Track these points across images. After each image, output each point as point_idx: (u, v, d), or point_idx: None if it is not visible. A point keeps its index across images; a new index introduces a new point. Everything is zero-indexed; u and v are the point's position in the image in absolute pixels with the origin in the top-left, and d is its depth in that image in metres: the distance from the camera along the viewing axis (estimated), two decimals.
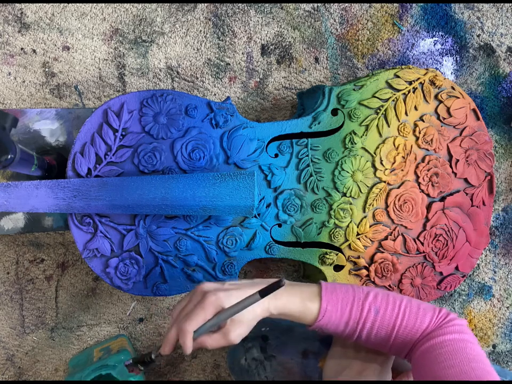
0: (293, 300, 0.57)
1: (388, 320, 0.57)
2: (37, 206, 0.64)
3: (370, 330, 0.57)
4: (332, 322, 0.57)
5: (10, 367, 0.86)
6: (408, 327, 0.57)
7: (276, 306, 0.56)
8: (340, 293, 0.58)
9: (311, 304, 0.57)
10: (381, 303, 0.57)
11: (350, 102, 0.73)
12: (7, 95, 0.82)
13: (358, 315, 0.57)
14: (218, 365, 0.92)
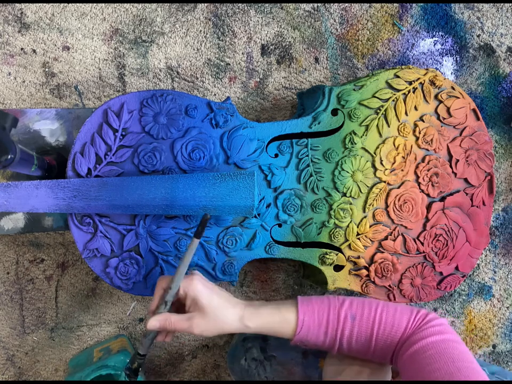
0: (270, 312, 0.58)
1: (365, 325, 0.57)
2: (37, 206, 0.64)
3: (349, 338, 0.58)
4: (311, 332, 0.58)
5: (10, 367, 0.86)
6: (386, 330, 0.57)
7: (251, 318, 0.57)
8: (316, 304, 0.58)
9: (289, 315, 0.58)
10: (356, 309, 0.58)
11: (350, 102, 0.73)
12: (7, 95, 0.82)
13: (336, 323, 0.57)
14: (218, 365, 0.92)
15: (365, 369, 0.64)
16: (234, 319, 0.56)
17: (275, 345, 0.72)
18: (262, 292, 0.91)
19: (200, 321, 0.55)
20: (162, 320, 0.55)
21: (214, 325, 0.55)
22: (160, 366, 0.90)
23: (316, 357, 0.71)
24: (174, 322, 0.55)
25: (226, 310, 0.56)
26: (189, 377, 0.92)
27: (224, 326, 0.56)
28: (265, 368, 0.72)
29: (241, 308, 0.57)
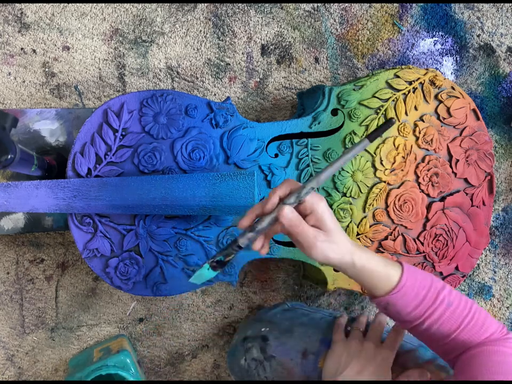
0: (377, 259, 0.56)
1: (456, 316, 0.56)
2: (37, 206, 0.64)
3: (435, 321, 0.56)
4: (404, 300, 0.56)
5: (10, 367, 0.86)
6: (473, 330, 0.56)
7: (360, 258, 0.54)
8: (420, 275, 0.57)
9: (392, 272, 0.56)
10: (454, 298, 0.56)
11: (350, 102, 0.73)
12: (7, 95, 0.82)
13: (431, 302, 0.56)
14: (218, 365, 0.92)
15: (364, 370, 0.64)
16: (347, 250, 0.54)
17: (275, 345, 0.72)
18: (262, 292, 0.91)
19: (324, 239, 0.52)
20: (296, 217, 0.52)
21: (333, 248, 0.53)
22: (160, 366, 0.90)
23: (316, 357, 0.71)
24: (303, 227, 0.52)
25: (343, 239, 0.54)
26: (189, 377, 0.92)
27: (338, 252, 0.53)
28: (265, 368, 0.72)
29: (352, 243, 0.55)
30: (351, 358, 0.66)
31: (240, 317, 0.91)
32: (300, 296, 0.93)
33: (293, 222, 0.51)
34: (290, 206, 0.51)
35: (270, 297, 0.92)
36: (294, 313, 0.80)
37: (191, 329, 0.90)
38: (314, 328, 0.74)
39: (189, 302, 0.89)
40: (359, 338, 0.69)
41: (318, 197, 0.53)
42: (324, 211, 0.53)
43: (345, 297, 0.94)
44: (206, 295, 0.90)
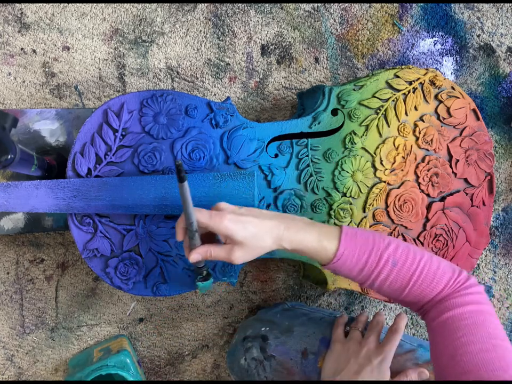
0: (309, 238, 0.57)
1: (404, 274, 0.56)
2: (37, 206, 0.64)
3: (384, 281, 0.56)
4: (346, 266, 0.57)
5: (10, 367, 0.86)
6: (423, 284, 0.56)
7: (290, 241, 0.56)
8: (360, 239, 0.57)
9: (328, 245, 0.56)
10: (400, 256, 0.56)
11: (350, 102, 0.73)
12: (7, 95, 0.82)
13: (375, 264, 0.56)
14: (218, 365, 0.92)
15: (363, 369, 0.64)
16: (271, 242, 0.56)
17: (274, 345, 0.72)
18: (262, 292, 0.91)
19: (239, 253, 0.56)
20: (203, 252, 0.56)
21: (253, 252, 0.56)
22: (160, 366, 0.90)
23: (316, 356, 0.71)
24: (214, 255, 0.56)
25: (263, 237, 0.56)
26: (189, 377, 0.92)
27: (263, 250, 0.57)
28: (264, 368, 0.72)
29: (279, 230, 0.56)
30: (349, 358, 0.66)
31: (240, 317, 0.91)
32: (300, 296, 0.93)
33: (204, 259, 0.57)
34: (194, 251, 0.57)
35: (270, 297, 0.92)
36: (294, 313, 0.80)
37: (191, 329, 0.90)
38: (314, 328, 0.74)
39: (189, 302, 0.89)
40: (358, 338, 0.69)
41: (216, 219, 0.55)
42: (227, 229, 0.55)
43: (345, 297, 0.94)
44: (206, 295, 0.90)
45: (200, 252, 0.56)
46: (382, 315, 0.71)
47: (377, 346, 0.67)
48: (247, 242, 0.55)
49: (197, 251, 0.56)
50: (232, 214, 0.56)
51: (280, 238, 0.56)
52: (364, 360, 0.65)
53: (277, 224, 0.57)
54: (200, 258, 0.57)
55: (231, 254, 0.55)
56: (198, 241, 0.57)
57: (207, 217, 0.55)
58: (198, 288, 0.63)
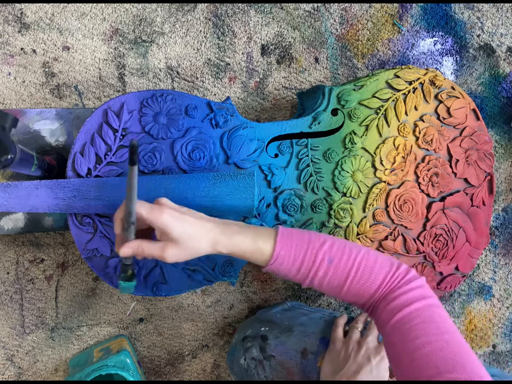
0: (245, 240, 0.56)
1: (341, 271, 0.56)
2: (37, 206, 0.64)
3: (322, 279, 0.56)
4: (284, 266, 0.57)
5: (10, 367, 0.86)
6: (361, 280, 0.55)
7: (225, 245, 0.56)
8: (296, 239, 0.57)
9: (264, 246, 0.56)
10: (336, 253, 0.56)
11: (350, 102, 0.73)
12: (7, 95, 0.82)
13: (311, 263, 0.56)
14: (218, 365, 0.92)
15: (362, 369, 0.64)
16: (207, 245, 0.55)
17: (274, 345, 0.72)
18: (262, 292, 0.91)
19: (173, 251, 0.54)
20: (135, 247, 0.54)
21: (187, 252, 0.55)
22: (160, 366, 0.90)
23: (315, 356, 0.71)
24: (146, 251, 0.54)
25: (199, 239, 0.55)
26: (189, 377, 0.92)
27: (197, 252, 0.56)
28: (264, 368, 0.72)
29: (215, 233, 0.56)
30: (348, 357, 0.66)
31: (240, 317, 0.91)
32: (300, 296, 0.93)
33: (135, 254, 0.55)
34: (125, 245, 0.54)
35: (270, 297, 0.92)
36: (293, 313, 0.80)
37: (191, 329, 0.90)
38: (314, 328, 0.74)
39: (189, 302, 0.89)
40: (357, 338, 0.69)
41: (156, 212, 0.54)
42: (164, 223, 0.54)
43: None
44: (206, 295, 0.90)
45: (132, 246, 0.54)
46: None
47: (377, 346, 0.67)
48: (182, 241, 0.54)
49: (129, 245, 0.54)
50: (172, 210, 0.55)
51: (216, 242, 0.56)
52: (363, 359, 0.65)
53: (213, 227, 0.56)
54: (130, 252, 0.55)
55: (164, 251, 0.54)
56: (132, 235, 0.55)
57: (148, 209, 0.54)
58: (119, 286, 0.59)
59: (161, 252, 0.54)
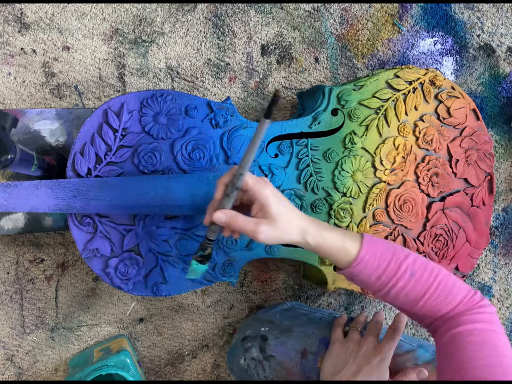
0: (334, 237, 0.56)
1: (421, 286, 0.56)
2: (37, 206, 0.64)
3: (400, 291, 0.57)
4: (365, 272, 0.57)
5: (10, 367, 0.86)
6: (438, 298, 0.56)
7: (314, 236, 0.56)
8: (381, 246, 0.57)
9: (351, 247, 0.56)
10: (418, 268, 0.56)
11: (350, 102, 0.73)
12: (7, 95, 0.82)
13: (393, 273, 0.56)
14: (218, 365, 0.92)
15: (362, 369, 0.64)
16: (296, 232, 0.55)
17: (274, 345, 0.72)
18: (262, 292, 0.91)
19: (266, 228, 0.54)
20: (229, 216, 0.54)
21: (278, 234, 0.55)
22: (160, 366, 0.90)
23: (315, 357, 0.71)
24: (240, 223, 0.54)
25: (292, 223, 0.55)
26: (189, 377, 0.92)
27: (287, 236, 0.55)
28: (264, 368, 0.72)
29: (306, 222, 0.56)
30: (348, 358, 0.66)
31: (240, 317, 0.91)
32: (300, 296, 0.93)
33: (228, 223, 0.55)
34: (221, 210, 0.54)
35: (270, 297, 0.92)
36: (293, 313, 0.80)
37: (191, 329, 0.90)
38: (313, 328, 0.74)
39: (189, 302, 0.89)
40: (357, 338, 0.69)
41: (262, 184, 0.54)
42: (267, 198, 0.54)
43: (345, 297, 0.94)
44: (206, 295, 0.90)
45: (227, 213, 0.54)
46: (381, 315, 0.71)
47: (376, 346, 0.67)
48: (277, 220, 0.54)
49: (225, 211, 0.54)
50: (274, 188, 0.55)
51: (306, 231, 0.56)
52: (363, 360, 0.65)
53: (304, 216, 0.57)
54: (224, 220, 0.54)
55: (259, 227, 0.54)
56: (230, 204, 0.55)
57: (254, 179, 0.54)
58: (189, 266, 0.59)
59: (255, 227, 0.54)
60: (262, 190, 0.54)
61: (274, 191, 0.55)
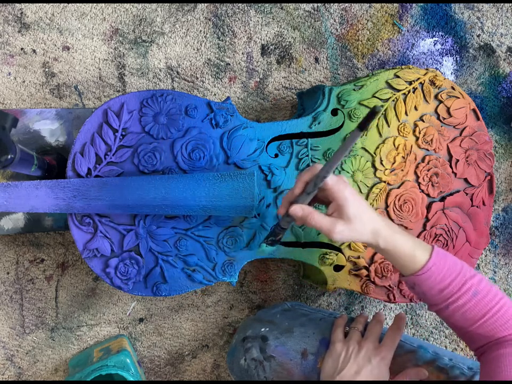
0: (406, 243, 0.57)
1: (481, 306, 0.56)
2: (37, 206, 0.64)
3: (459, 308, 0.56)
4: (429, 282, 0.57)
5: (10, 367, 0.86)
6: (498, 322, 0.56)
7: (386, 239, 0.56)
8: (449, 261, 0.57)
9: (420, 255, 0.56)
10: (483, 289, 0.56)
11: (350, 102, 0.73)
12: (7, 95, 0.82)
13: (456, 289, 0.56)
14: (218, 365, 0.92)
15: (363, 369, 0.64)
16: (369, 233, 0.56)
17: (274, 345, 0.72)
18: (262, 292, 0.91)
19: (342, 227, 0.55)
20: (306, 212, 0.55)
21: (353, 234, 0.56)
22: (160, 366, 0.90)
23: (315, 357, 0.71)
24: (316, 220, 0.55)
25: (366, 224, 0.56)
26: (189, 377, 0.92)
27: (360, 237, 0.56)
28: (264, 368, 0.72)
29: (380, 225, 0.56)
30: (349, 358, 0.66)
31: (240, 317, 0.91)
32: (300, 296, 0.93)
33: (303, 219, 0.56)
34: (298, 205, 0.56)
35: (270, 297, 0.92)
36: (294, 313, 0.80)
37: (191, 329, 0.90)
38: (314, 329, 0.74)
39: (189, 302, 0.89)
40: (357, 339, 0.69)
41: (341, 184, 0.55)
42: (345, 199, 0.54)
43: (345, 297, 0.94)
44: (206, 295, 0.90)
45: (304, 208, 0.55)
46: (381, 315, 0.71)
47: (377, 346, 0.67)
48: (353, 221, 0.55)
49: (302, 207, 0.55)
50: (352, 189, 0.56)
51: (378, 233, 0.56)
52: (363, 360, 0.65)
53: (379, 219, 0.57)
54: (301, 214, 0.55)
55: (335, 226, 0.54)
56: (307, 201, 0.56)
57: (335, 180, 0.55)
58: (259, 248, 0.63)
59: (331, 226, 0.55)
60: (342, 192, 0.54)
61: (352, 192, 0.56)
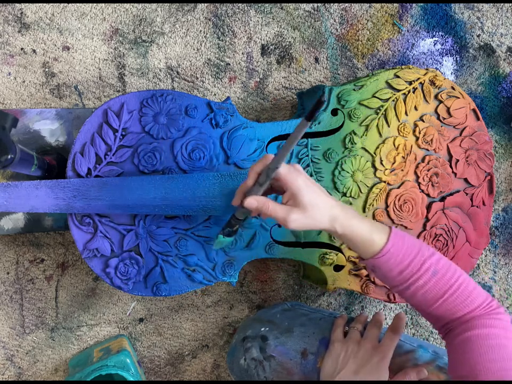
0: (362, 227, 0.57)
1: (441, 285, 0.56)
2: (37, 206, 0.65)
3: (419, 288, 0.57)
4: (389, 264, 0.57)
5: (10, 367, 0.86)
6: (458, 300, 0.56)
7: (342, 224, 0.56)
8: (407, 242, 0.57)
9: (377, 239, 0.57)
10: (441, 267, 0.57)
11: (350, 102, 0.73)
12: (7, 95, 0.82)
13: (416, 269, 0.56)
14: (218, 365, 0.92)
15: (362, 369, 0.64)
16: (326, 219, 0.56)
17: (274, 345, 0.72)
18: (262, 292, 0.91)
19: (297, 216, 0.55)
20: (261, 202, 0.56)
21: (308, 222, 0.56)
22: (160, 366, 0.90)
23: (315, 357, 0.71)
24: (271, 209, 0.55)
25: (322, 211, 0.56)
26: (189, 377, 0.92)
27: (317, 223, 0.56)
28: (264, 368, 0.72)
29: (336, 210, 0.56)
30: (348, 358, 0.66)
31: (240, 317, 0.91)
32: (300, 296, 0.93)
33: (258, 209, 0.56)
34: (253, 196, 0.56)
35: (270, 297, 0.92)
36: (293, 313, 0.80)
37: (191, 329, 0.90)
38: (314, 328, 0.74)
39: (189, 302, 0.89)
40: (357, 338, 0.69)
41: (293, 172, 0.55)
42: (298, 187, 0.55)
43: (345, 297, 0.94)
44: (206, 295, 0.90)
45: (259, 200, 0.56)
46: (381, 315, 0.71)
47: (376, 346, 0.67)
48: (309, 209, 0.55)
49: (256, 198, 0.56)
50: (306, 177, 0.56)
51: (335, 219, 0.56)
52: (363, 360, 0.65)
53: (335, 204, 0.57)
54: (255, 205, 0.56)
55: (289, 215, 0.55)
56: (261, 192, 0.56)
57: (287, 170, 0.55)
58: (216, 239, 0.62)
59: (286, 214, 0.55)
60: (295, 181, 0.55)
61: (306, 180, 0.56)
